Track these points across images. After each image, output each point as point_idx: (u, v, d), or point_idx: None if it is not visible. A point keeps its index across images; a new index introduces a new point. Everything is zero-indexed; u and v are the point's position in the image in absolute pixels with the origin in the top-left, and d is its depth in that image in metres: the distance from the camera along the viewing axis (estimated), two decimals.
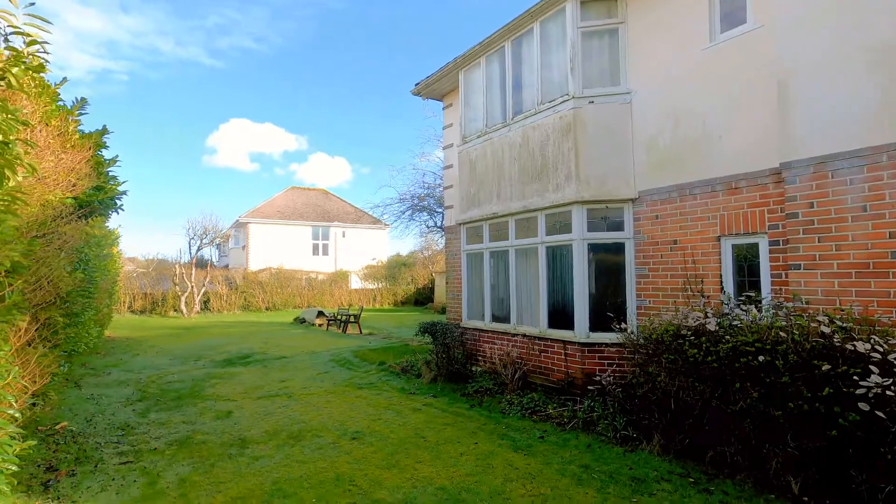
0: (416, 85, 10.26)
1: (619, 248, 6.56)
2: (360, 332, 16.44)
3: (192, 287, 24.66)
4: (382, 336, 15.52)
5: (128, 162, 61.58)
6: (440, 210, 16.54)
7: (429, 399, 7.00)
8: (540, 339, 7.12)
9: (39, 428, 5.47)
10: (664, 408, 4.73)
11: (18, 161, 3.52)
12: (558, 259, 7.05)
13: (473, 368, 8.28)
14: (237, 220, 32.65)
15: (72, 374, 8.75)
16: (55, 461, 4.59)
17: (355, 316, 16.93)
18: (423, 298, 32.56)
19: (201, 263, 30.39)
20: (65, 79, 5.63)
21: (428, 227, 16.69)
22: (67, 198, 5.37)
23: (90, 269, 7.82)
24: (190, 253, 26.69)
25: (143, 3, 71.27)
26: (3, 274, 3.97)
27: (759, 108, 5.17)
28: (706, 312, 4.67)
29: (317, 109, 78.52)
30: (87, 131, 5.97)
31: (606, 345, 6.32)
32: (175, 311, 24.60)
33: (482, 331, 8.37)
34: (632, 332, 5.40)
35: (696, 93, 5.80)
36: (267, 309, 27.39)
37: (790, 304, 4.41)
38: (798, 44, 4.74)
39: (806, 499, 3.63)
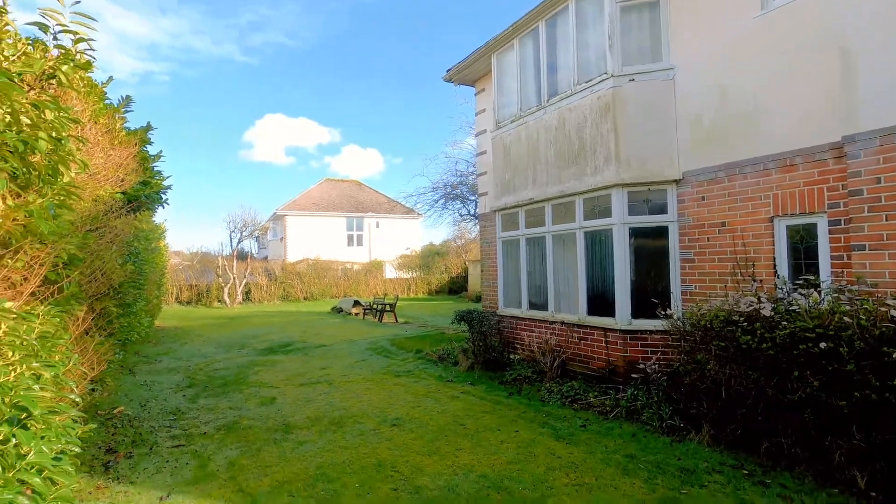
0: (447, 71, 10.13)
1: (662, 232, 6.31)
2: (396, 321, 16.61)
3: (234, 279, 25.51)
4: (418, 325, 15.63)
5: (169, 158, 64.07)
6: (473, 198, 16.42)
7: (466, 387, 6.99)
8: (579, 326, 6.97)
9: (99, 412, 5.77)
10: (714, 397, 4.53)
11: (71, 157, 3.65)
12: (597, 244, 6.85)
13: (511, 356, 8.21)
14: (275, 213, 33.48)
15: (126, 361, 9.20)
16: (114, 443, 4.83)
17: (391, 305, 17.11)
18: (456, 287, 32.62)
19: (242, 256, 31.41)
20: (111, 78, 5.86)
21: (461, 216, 16.59)
22: (117, 193, 5.59)
23: (140, 261, 8.15)
24: (231, 246, 27.60)
25: (179, 4, 73.58)
26: (61, 266, 4.17)
27: (818, 78, 4.81)
28: (759, 297, 4.43)
29: (349, 102, 79.45)
30: (132, 128, 6.22)
31: (650, 332, 6.12)
32: (219, 301, 25.55)
33: (519, 318, 8.27)
34: (678, 319, 5.19)
35: (746, 65, 5.46)
36: (305, 299, 28.08)
37: (854, 287, 4.12)
38: (862, 5, 4.37)
39: (874, 494, 3.41)
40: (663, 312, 5.40)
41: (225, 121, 76.80)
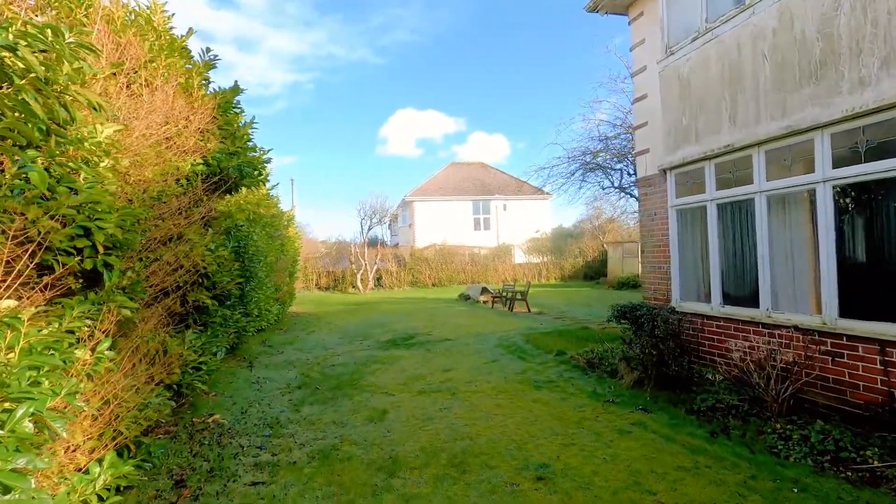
0: None
1: None
2: (528, 311, 14.84)
3: (366, 265, 26.02)
4: (553, 316, 13.66)
5: (316, 160, 70.03)
6: (619, 166, 13.81)
7: (638, 414, 4.98)
8: (825, 334, 4.48)
9: (194, 420, 5.04)
10: None
11: (72, 96, 2.54)
12: (859, 206, 4.29)
13: (695, 370, 5.92)
14: (403, 200, 33.78)
15: (249, 351, 8.90)
16: (189, 471, 3.89)
17: (522, 293, 15.36)
18: (592, 273, 29.62)
19: (373, 243, 32.28)
20: (191, 30, 5.00)
21: (603, 189, 14.06)
22: (198, 164, 4.70)
23: (250, 246, 7.59)
24: (362, 233, 28.28)
25: (321, 17, 79.46)
26: (102, 251, 3.21)
27: None
28: None
29: (474, 89, 78.64)
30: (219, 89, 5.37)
31: None
32: (353, 287, 26.33)
33: (707, 318, 5.92)
34: None
35: None
36: (433, 285, 27.71)
37: None
38: None
39: None
40: None
41: (362, 120, 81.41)
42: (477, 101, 77.74)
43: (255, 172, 5.64)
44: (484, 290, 18.56)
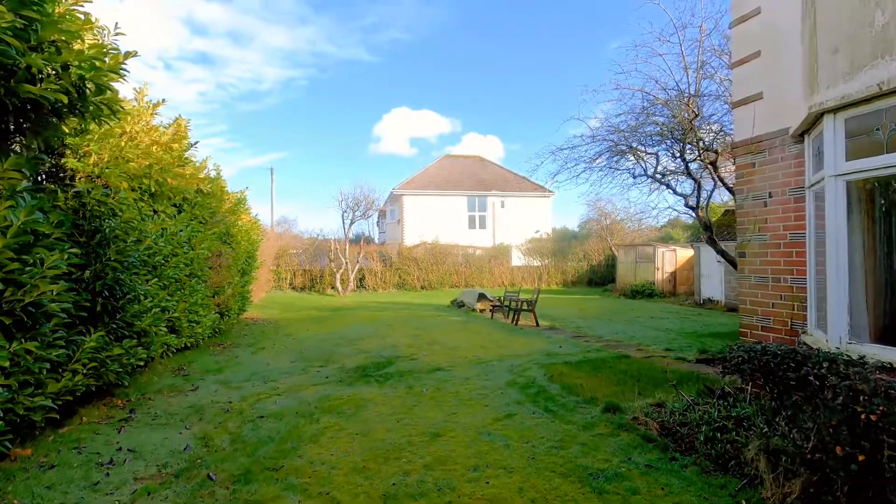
0: None
1: None
2: (537, 325, 12.13)
3: (346, 263, 23.14)
4: (570, 333, 10.94)
5: (309, 157, 67.00)
6: (653, 151, 11.13)
7: None
8: None
9: None
10: None
11: None
12: None
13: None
14: (391, 193, 30.92)
15: (145, 388, 6.04)
16: None
17: (529, 303, 12.61)
18: (598, 278, 27.06)
19: (357, 239, 29.37)
20: None
21: (634, 178, 11.38)
22: None
23: (130, 232, 4.77)
24: (344, 228, 25.35)
25: (315, 14, 76.47)
26: None
27: None
28: None
29: (468, 90, 76.12)
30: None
31: None
32: (332, 288, 23.44)
33: None
34: None
35: None
36: (422, 288, 24.93)
37: None
38: None
39: None
40: None
41: (356, 117, 78.52)
42: (471, 101, 75.37)
43: (76, 79, 2.81)
44: (481, 297, 15.80)
